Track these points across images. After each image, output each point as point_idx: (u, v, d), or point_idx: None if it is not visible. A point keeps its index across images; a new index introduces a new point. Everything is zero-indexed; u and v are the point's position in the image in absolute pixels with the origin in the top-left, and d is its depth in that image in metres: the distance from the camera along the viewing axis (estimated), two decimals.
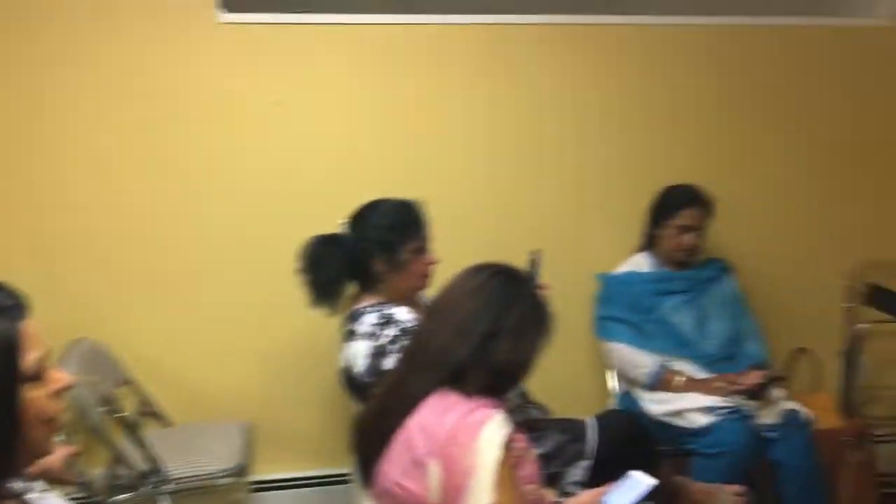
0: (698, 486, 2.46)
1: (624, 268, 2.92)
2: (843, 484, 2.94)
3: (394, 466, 1.62)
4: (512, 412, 1.71)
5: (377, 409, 1.72)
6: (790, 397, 2.76)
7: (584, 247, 3.04)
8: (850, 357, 3.17)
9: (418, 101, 2.92)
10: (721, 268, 2.95)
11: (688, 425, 2.62)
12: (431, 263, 2.29)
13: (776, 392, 2.72)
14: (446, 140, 2.96)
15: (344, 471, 2.85)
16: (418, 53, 2.90)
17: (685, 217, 2.80)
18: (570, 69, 2.98)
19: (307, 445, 3.00)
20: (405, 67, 2.90)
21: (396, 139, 2.92)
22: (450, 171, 2.95)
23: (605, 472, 1.91)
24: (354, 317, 2.23)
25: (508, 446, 1.55)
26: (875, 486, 3.05)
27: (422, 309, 2.22)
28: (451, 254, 2.23)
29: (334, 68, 2.86)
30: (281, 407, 2.96)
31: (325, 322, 2.40)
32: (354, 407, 2.28)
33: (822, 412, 2.83)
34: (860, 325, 3.15)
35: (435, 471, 1.54)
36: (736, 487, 2.42)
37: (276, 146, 2.86)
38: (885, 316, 1.98)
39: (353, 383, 2.19)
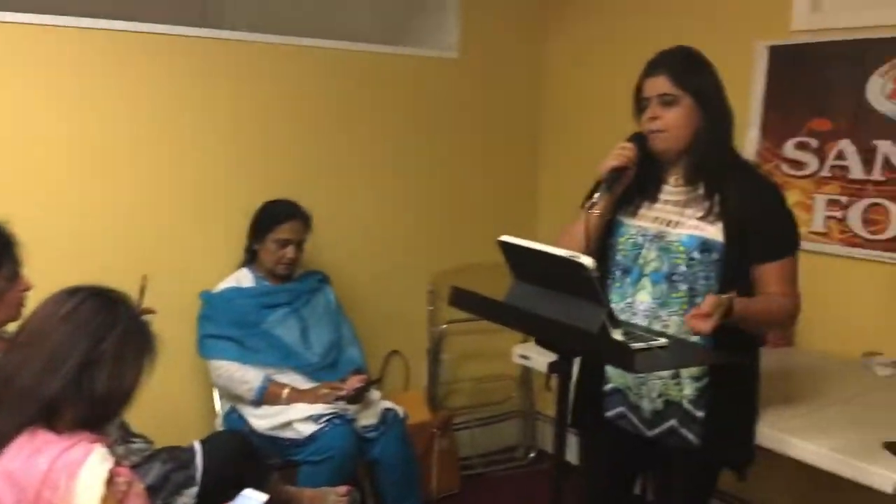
0: (307, 493, 2.56)
1: (226, 284, 2.89)
2: (432, 470, 3.27)
3: None
4: (112, 446, 1.59)
5: None
6: (385, 397, 2.98)
7: (185, 266, 2.94)
8: (434, 355, 3.54)
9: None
10: (320, 279, 3.07)
11: (295, 436, 2.68)
12: (27, 290, 2.00)
13: (374, 394, 2.91)
14: (32, 153, 2.65)
15: None
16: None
17: (285, 231, 2.87)
18: (167, 82, 2.87)
19: None
20: None
21: None
22: (36, 187, 2.66)
23: (217, 496, 1.88)
24: None
25: (111, 482, 1.43)
26: (458, 469, 3.44)
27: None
28: (38, 281, 1.98)
29: None
30: None
31: None
32: None
33: (412, 408, 3.12)
34: (441, 326, 3.53)
35: None
36: (341, 488, 2.59)
37: None
38: (461, 316, 2.25)
39: None
